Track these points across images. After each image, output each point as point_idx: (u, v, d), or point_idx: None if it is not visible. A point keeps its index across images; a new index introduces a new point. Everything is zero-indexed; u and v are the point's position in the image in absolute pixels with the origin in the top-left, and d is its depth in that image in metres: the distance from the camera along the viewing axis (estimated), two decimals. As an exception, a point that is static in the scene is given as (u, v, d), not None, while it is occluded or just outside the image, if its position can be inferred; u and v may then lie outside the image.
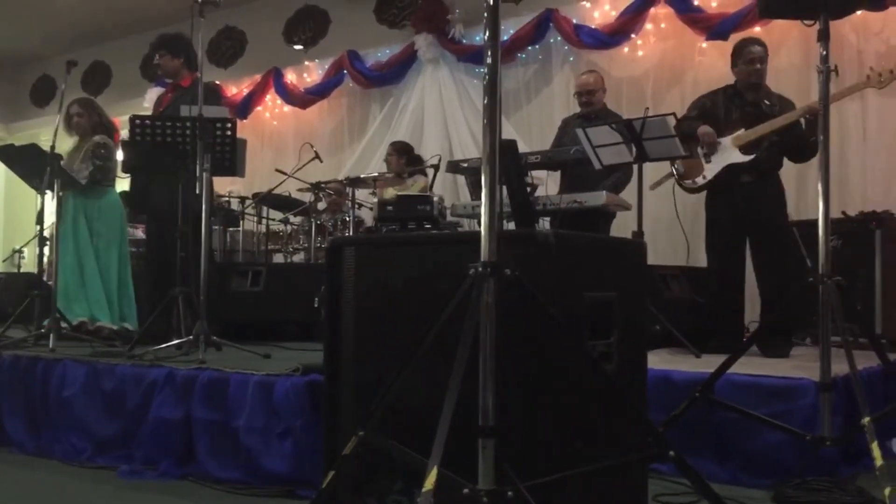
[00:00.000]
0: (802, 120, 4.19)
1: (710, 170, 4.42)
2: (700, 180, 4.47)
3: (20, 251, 9.53)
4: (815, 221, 2.90)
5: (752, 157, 4.30)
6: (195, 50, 4.97)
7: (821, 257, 2.83)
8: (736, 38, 6.00)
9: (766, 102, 4.34)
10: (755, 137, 4.29)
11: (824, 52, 2.88)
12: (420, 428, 1.86)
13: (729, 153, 4.36)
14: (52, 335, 4.29)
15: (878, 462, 2.45)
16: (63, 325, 4.54)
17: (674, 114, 4.18)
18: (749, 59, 4.38)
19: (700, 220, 4.70)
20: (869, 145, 5.81)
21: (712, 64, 6.31)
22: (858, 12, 5.07)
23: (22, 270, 9.23)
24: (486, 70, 1.98)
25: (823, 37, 2.88)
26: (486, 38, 2.00)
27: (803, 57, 5.95)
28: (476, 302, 1.86)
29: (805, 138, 4.23)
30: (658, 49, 6.86)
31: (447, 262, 2.18)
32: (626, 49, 6.95)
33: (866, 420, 2.56)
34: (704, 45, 6.48)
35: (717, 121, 4.42)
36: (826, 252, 2.82)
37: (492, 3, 1.99)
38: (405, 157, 6.62)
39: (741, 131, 4.33)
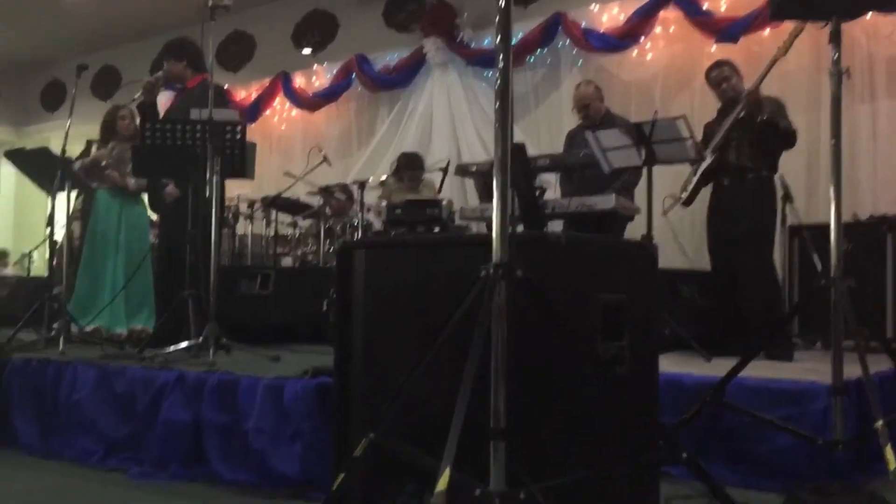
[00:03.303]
0: (766, 113, 4.22)
1: (694, 180, 4.57)
2: (685, 194, 4.62)
3: (30, 254, 9.56)
4: (826, 225, 2.89)
5: (714, 156, 4.42)
6: (200, 50, 5.00)
7: (833, 260, 2.82)
8: (746, 41, 6.04)
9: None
10: (718, 139, 4.41)
11: (836, 55, 2.87)
12: (431, 430, 1.86)
13: (707, 160, 4.48)
14: (62, 338, 4.31)
15: (892, 466, 2.43)
16: (74, 329, 4.56)
17: (683, 116, 4.17)
18: (714, 85, 4.62)
19: (701, 224, 4.74)
20: (879, 149, 5.79)
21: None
22: (869, 15, 5.06)
23: (32, 274, 9.26)
24: (498, 73, 1.98)
25: (835, 39, 2.86)
26: (497, 41, 1.99)
27: (813, 60, 5.93)
28: (487, 304, 1.86)
29: (770, 122, 4.23)
30: (667, 52, 6.85)
31: (458, 264, 2.18)
32: (634, 52, 6.94)
33: (879, 424, 2.54)
34: (714, 48, 6.46)
35: (712, 139, 4.52)
36: (838, 255, 2.81)
37: (503, 5, 1.99)
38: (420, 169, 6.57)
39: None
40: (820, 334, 4.76)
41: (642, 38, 6.82)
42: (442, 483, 1.68)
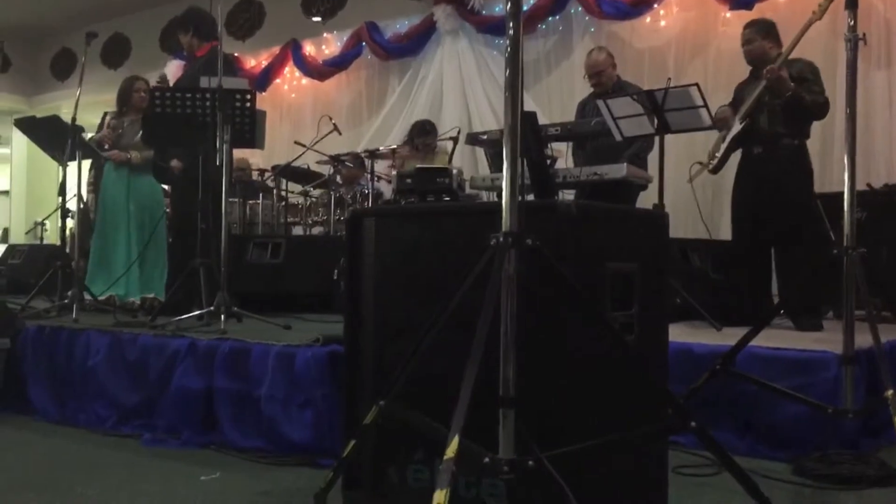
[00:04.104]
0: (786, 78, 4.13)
1: (723, 147, 4.44)
2: (714, 161, 4.49)
3: (42, 223, 9.62)
4: (840, 194, 2.86)
5: (743, 123, 4.31)
6: (207, 18, 4.97)
7: (846, 229, 2.80)
8: (760, 7, 5.94)
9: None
10: (747, 106, 4.29)
11: (852, 21, 2.83)
12: (441, 398, 1.86)
13: (735, 127, 4.38)
14: (75, 306, 4.34)
15: (901, 435, 2.43)
16: (87, 297, 4.60)
17: (696, 84, 4.13)
18: (742, 45, 4.49)
19: (720, 194, 4.67)
20: (895, 117, 5.71)
21: (735, 34, 6.13)
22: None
23: (44, 242, 9.32)
24: (507, 40, 1.95)
25: (851, 5, 2.83)
26: (507, 7, 1.97)
27: (829, 25, 5.82)
28: (497, 272, 1.85)
29: (795, 96, 4.13)
30: (681, 19, 6.76)
31: (468, 232, 2.17)
32: (648, 19, 6.85)
33: (889, 393, 2.55)
34: (728, 14, 6.37)
35: (742, 104, 4.40)
36: (851, 224, 2.79)
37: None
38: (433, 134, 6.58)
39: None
40: (832, 304, 4.74)
41: (655, 4, 6.73)
42: (451, 450, 1.69)
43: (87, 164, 5.51)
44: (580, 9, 7.16)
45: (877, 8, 5.74)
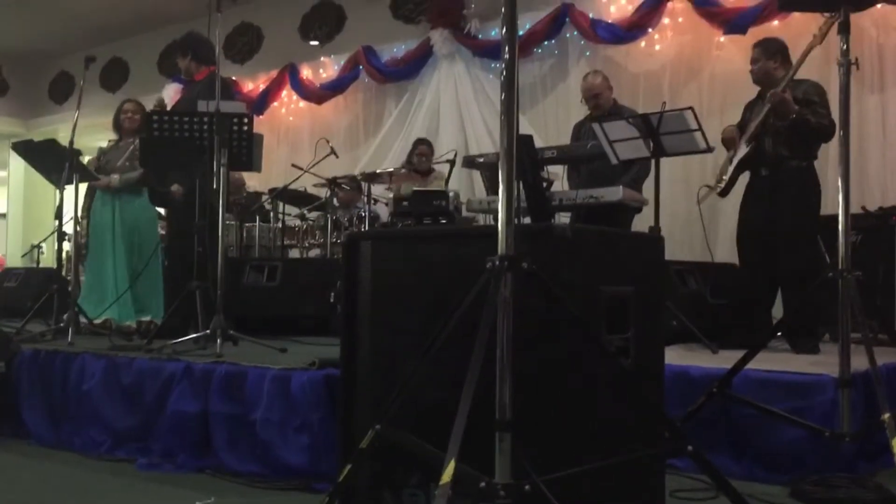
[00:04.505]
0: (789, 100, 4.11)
1: (730, 170, 4.42)
2: (722, 183, 4.47)
3: (39, 246, 9.60)
4: (835, 216, 2.88)
5: (750, 146, 4.29)
6: (206, 43, 5.00)
7: (841, 252, 2.81)
8: (755, 32, 5.99)
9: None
10: (753, 129, 4.29)
11: (844, 46, 2.86)
12: (437, 422, 1.86)
13: (742, 150, 4.36)
14: (70, 329, 4.33)
15: (899, 459, 2.43)
16: (83, 320, 4.59)
17: (691, 108, 4.15)
18: (750, 65, 4.45)
19: (717, 217, 4.68)
20: (889, 140, 5.75)
21: (730, 58, 6.27)
22: (879, 5, 5.01)
23: (41, 266, 9.30)
24: (503, 64, 1.97)
25: (844, 30, 2.85)
26: (503, 32, 1.99)
27: (823, 49, 5.86)
28: (493, 296, 1.86)
29: (800, 119, 4.12)
30: (675, 43, 6.81)
31: (464, 256, 2.18)
32: (642, 43, 6.91)
33: (886, 416, 2.54)
34: (722, 38, 6.42)
35: (748, 125, 4.40)
36: (846, 247, 2.80)
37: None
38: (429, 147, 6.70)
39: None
40: (828, 326, 4.75)
41: (650, 29, 6.79)
42: (446, 475, 1.69)
43: (83, 187, 5.52)
44: (576, 33, 7.22)
45: (869, 32, 5.79)
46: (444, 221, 5.24)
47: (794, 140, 4.24)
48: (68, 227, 5.03)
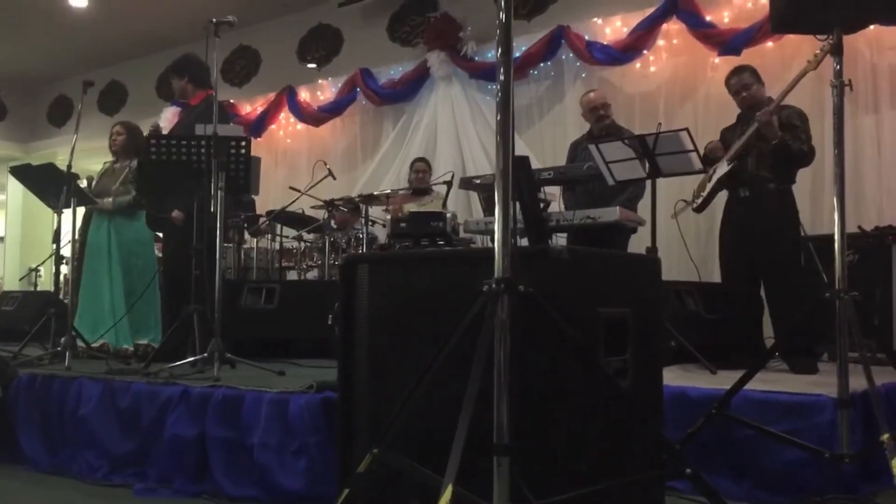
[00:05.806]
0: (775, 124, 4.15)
1: (709, 186, 4.46)
2: (699, 199, 4.51)
3: (36, 270, 9.60)
4: (831, 236, 2.88)
5: (731, 165, 4.31)
6: (203, 66, 5.03)
7: (837, 272, 2.81)
8: (749, 53, 6.04)
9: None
10: (737, 147, 4.30)
11: (838, 67, 2.88)
12: (435, 445, 1.86)
13: (722, 168, 4.38)
14: (67, 353, 4.32)
15: (898, 479, 2.42)
16: (81, 344, 4.58)
17: (686, 129, 4.18)
18: (733, 93, 4.49)
19: (713, 237, 4.68)
20: (884, 159, 5.77)
21: (725, 79, 6.29)
22: (872, 27, 5.06)
23: (38, 289, 9.29)
24: (498, 86, 1.98)
25: (837, 51, 2.88)
26: (498, 54, 2.00)
27: (816, 70, 5.92)
28: (490, 318, 1.86)
29: (782, 144, 4.16)
30: (670, 65, 6.86)
31: (461, 278, 2.18)
32: (638, 65, 6.95)
33: (885, 437, 2.53)
34: (717, 60, 6.47)
35: (731, 146, 4.42)
36: (842, 267, 2.80)
37: (504, 19, 2.00)
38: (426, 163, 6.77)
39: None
40: (826, 347, 4.75)
41: (645, 50, 6.83)
42: (444, 499, 1.68)
43: (81, 211, 5.53)
44: (571, 55, 7.27)
45: (863, 53, 5.83)
46: (441, 242, 5.24)
47: (775, 163, 4.28)
48: (66, 251, 5.03)
